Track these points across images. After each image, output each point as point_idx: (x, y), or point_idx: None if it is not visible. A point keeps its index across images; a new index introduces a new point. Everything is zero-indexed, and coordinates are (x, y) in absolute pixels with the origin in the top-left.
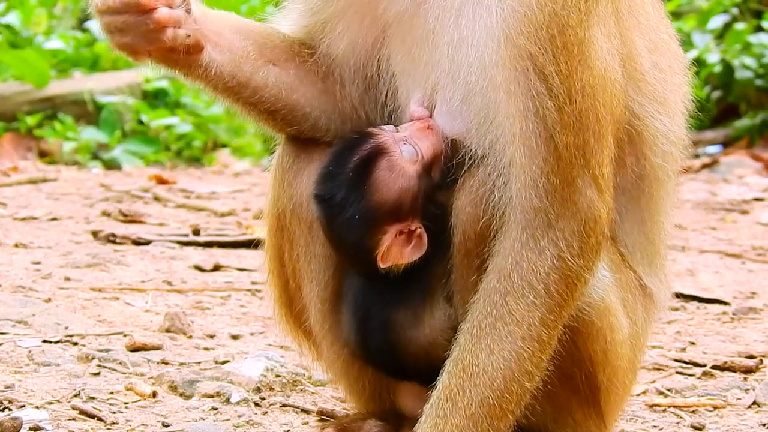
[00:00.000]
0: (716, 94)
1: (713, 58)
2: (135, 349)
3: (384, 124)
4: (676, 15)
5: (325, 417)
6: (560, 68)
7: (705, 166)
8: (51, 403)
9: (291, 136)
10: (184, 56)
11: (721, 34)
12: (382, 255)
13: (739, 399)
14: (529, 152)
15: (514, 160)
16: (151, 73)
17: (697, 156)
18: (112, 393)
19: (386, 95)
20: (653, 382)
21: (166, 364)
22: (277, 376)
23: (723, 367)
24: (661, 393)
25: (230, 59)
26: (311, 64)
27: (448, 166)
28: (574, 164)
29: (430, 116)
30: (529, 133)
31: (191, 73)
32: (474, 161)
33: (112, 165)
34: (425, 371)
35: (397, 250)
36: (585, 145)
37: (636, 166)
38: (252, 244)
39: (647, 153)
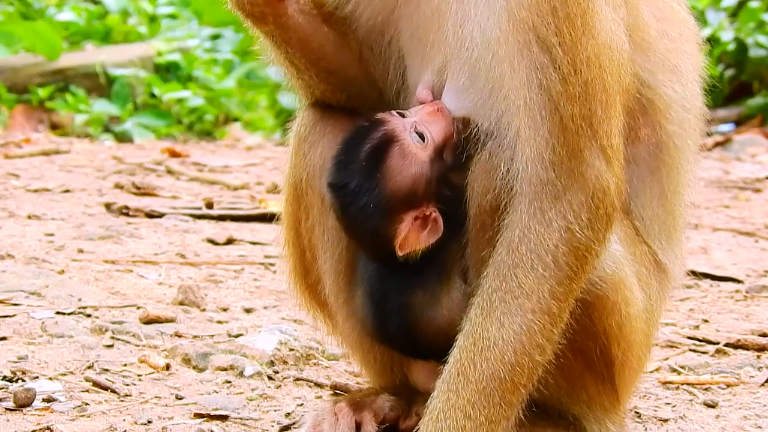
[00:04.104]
0: (729, 72)
1: (727, 36)
2: (148, 321)
3: (395, 104)
4: None
5: (338, 391)
6: (563, 39)
7: (718, 144)
8: (64, 374)
9: (312, 105)
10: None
11: (734, 12)
12: (401, 244)
13: (753, 377)
14: (534, 124)
15: (520, 133)
16: (163, 46)
17: (709, 134)
18: (125, 365)
19: (396, 74)
20: (666, 359)
21: (180, 336)
22: (291, 349)
23: (736, 345)
24: (674, 370)
25: (297, 8)
26: (349, 38)
27: (459, 147)
28: (580, 135)
29: (439, 97)
30: (534, 105)
31: (279, 21)
32: (486, 136)
33: (123, 138)
34: (443, 350)
35: (413, 237)
36: (592, 116)
37: (652, 136)
38: (265, 217)
39: (662, 121)
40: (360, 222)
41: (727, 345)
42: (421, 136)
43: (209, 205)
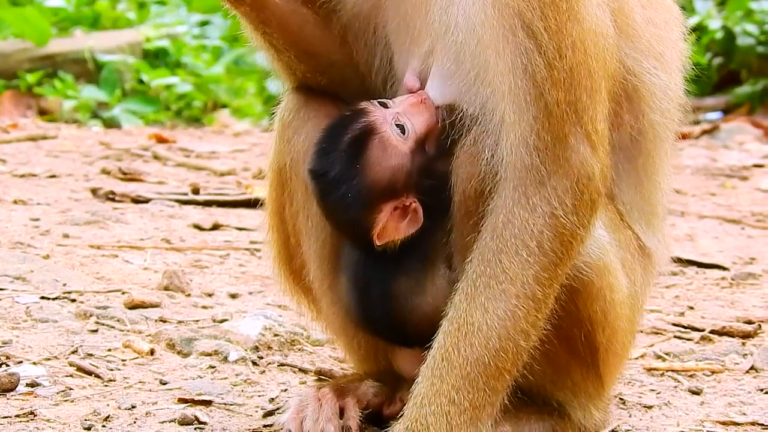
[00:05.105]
0: (717, 60)
1: (715, 24)
2: (133, 306)
3: (381, 92)
4: None
5: (322, 377)
6: (549, 24)
7: (705, 132)
8: (48, 359)
9: (296, 90)
10: None
11: (722, 1)
12: (379, 234)
13: (737, 364)
14: (519, 110)
15: (505, 118)
16: (151, 33)
17: (697, 122)
18: (109, 350)
19: (383, 62)
20: (651, 346)
21: (164, 322)
22: (275, 335)
23: (721, 332)
24: (659, 357)
25: None
26: (332, 22)
27: (444, 136)
28: (565, 121)
29: (424, 86)
30: (518, 91)
31: (256, 2)
32: (471, 121)
33: (111, 124)
34: (428, 337)
35: (392, 227)
36: (577, 102)
37: (634, 123)
38: (251, 203)
39: (645, 110)
40: (339, 210)
41: (712, 332)
42: (402, 129)
43: (195, 191)
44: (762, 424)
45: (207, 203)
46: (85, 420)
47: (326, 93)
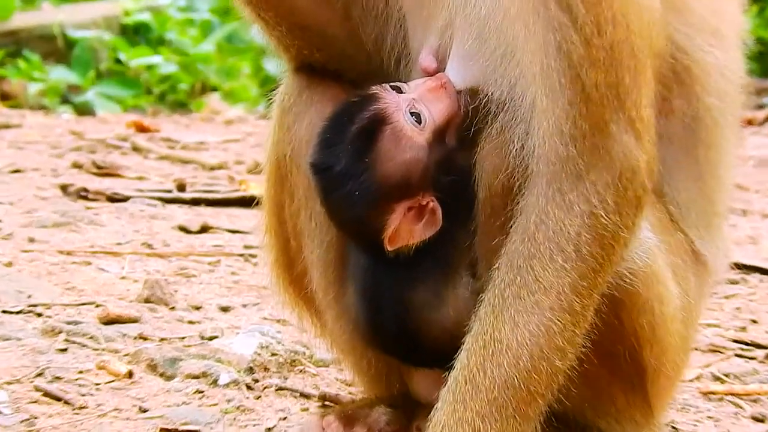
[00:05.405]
0: None
1: None
2: (109, 321)
3: (394, 73)
4: None
5: (327, 402)
6: None
7: None
8: (10, 383)
9: (297, 70)
10: None
11: None
12: (390, 237)
13: None
14: (553, 94)
15: (536, 104)
16: (130, 5)
17: (760, 107)
18: (81, 372)
19: (396, 39)
20: (708, 366)
21: (145, 339)
22: (273, 354)
23: None
24: (717, 378)
25: None
26: None
27: (466, 125)
28: (605, 106)
29: (443, 67)
30: (552, 72)
31: None
32: (497, 108)
33: (84, 110)
34: (448, 356)
35: (406, 229)
36: (619, 84)
37: (687, 109)
38: (246, 201)
39: (699, 92)
40: (345, 210)
41: None
42: (418, 117)
43: (181, 187)
44: None
45: (194, 202)
46: None
47: (332, 74)
